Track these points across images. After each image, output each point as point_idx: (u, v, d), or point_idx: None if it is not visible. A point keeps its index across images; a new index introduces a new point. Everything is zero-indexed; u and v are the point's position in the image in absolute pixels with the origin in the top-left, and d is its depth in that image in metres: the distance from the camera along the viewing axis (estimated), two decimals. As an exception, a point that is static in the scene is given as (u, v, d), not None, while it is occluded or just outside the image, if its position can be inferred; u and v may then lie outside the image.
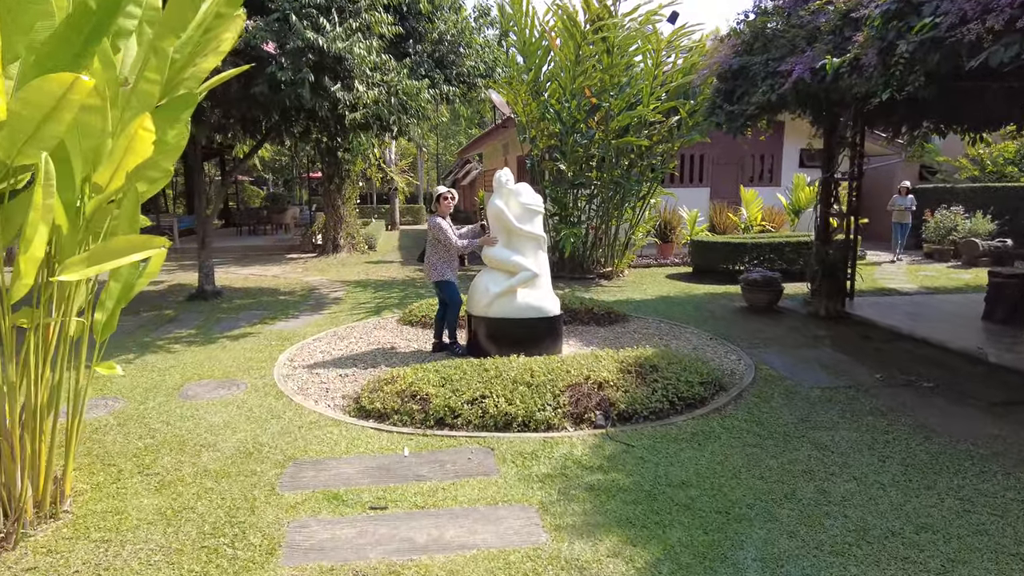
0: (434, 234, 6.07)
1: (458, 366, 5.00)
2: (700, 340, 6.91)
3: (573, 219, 11.42)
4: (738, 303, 9.08)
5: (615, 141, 10.76)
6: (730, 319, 8.11)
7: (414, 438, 4.29)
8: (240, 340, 7.18)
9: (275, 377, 5.69)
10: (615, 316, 7.70)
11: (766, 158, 16.55)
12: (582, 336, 7.04)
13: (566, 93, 10.43)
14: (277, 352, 6.60)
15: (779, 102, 7.86)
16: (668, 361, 5.15)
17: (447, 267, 6.13)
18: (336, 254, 15.37)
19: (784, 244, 11.26)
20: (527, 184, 6.26)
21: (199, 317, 8.55)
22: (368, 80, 7.36)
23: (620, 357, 5.17)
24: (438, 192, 6.21)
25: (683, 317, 8.16)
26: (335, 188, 15.28)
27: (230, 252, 17.05)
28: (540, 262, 6.17)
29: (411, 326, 7.53)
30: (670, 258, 13.61)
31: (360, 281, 11.60)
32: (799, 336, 7.21)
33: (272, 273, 12.94)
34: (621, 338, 6.96)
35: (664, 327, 7.50)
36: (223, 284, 11.31)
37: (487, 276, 6.14)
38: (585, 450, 4.07)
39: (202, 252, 9.64)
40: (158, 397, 5.21)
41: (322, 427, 4.53)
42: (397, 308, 8.78)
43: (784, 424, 4.58)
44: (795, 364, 6.11)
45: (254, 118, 8.85)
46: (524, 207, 6.10)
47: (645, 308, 8.74)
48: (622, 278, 11.61)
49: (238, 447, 4.20)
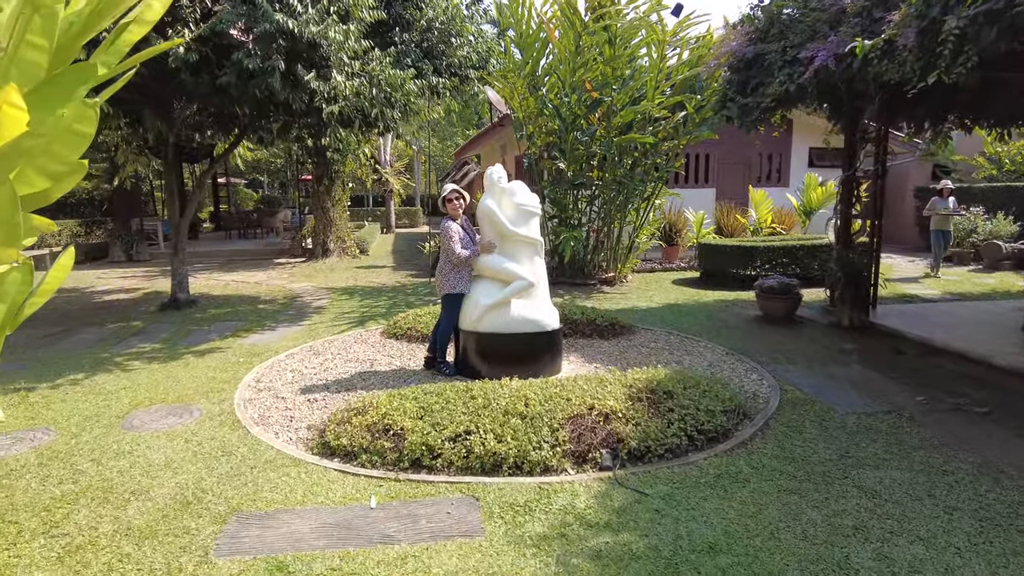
0: (443, 239, 5.39)
1: (441, 392, 4.32)
2: (715, 355, 6.22)
3: (573, 221, 10.74)
4: (752, 312, 8.40)
5: (617, 138, 10.09)
6: (745, 330, 7.42)
7: (385, 483, 3.61)
8: (206, 356, 6.50)
9: (235, 402, 5.01)
10: (620, 328, 7.01)
11: (774, 157, 15.89)
12: (584, 351, 6.36)
13: (565, 87, 9.76)
14: (244, 371, 5.92)
15: (798, 93, 7.19)
16: (684, 385, 4.47)
17: (459, 277, 5.38)
18: (326, 259, 14.69)
19: (797, 247, 10.58)
20: (522, 183, 5.59)
21: (167, 329, 7.87)
22: (347, 69, 6.69)
23: (628, 380, 4.49)
24: (444, 192, 5.49)
25: (694, 328, 7.48)
26: (324, 190, 14.61)
27: (216, 257, 16.39)
28: (536, 270, 5.49)
29: (395, 339, 6.85)
30: (675, 262, 12.93)
31: (347, 288, 10.92)
32: (823, 350, 6.53)
33: (256, 279, 12.27)
34: (627, 353, 6.28)
35: (674, 340, 6.82)
36: (202, 291, 10.65)
37: (477, 286, 5.46)
38: (589, 500, 3.39)
39: (175, 259, 8.96)
40: (96, 428, 4.53)
41: (278, 467, 3.85)
42: (383, 318, 8.10)
43: (822, 462, 3.90)
44: (823, 384, 5.43)
45: (231, 114, 8.19)
46: (519, 208, 5.43)
47: (652, 318, 8.06)
48: (625, 284, 10.93)
49: (175, 494, 3.52)
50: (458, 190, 5.48)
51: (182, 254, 8.99)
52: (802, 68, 6.95)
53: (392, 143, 24.76)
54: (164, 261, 15.65)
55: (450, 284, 5.38)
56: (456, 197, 5.44)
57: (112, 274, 13.51)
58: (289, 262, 14.96)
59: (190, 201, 8.93)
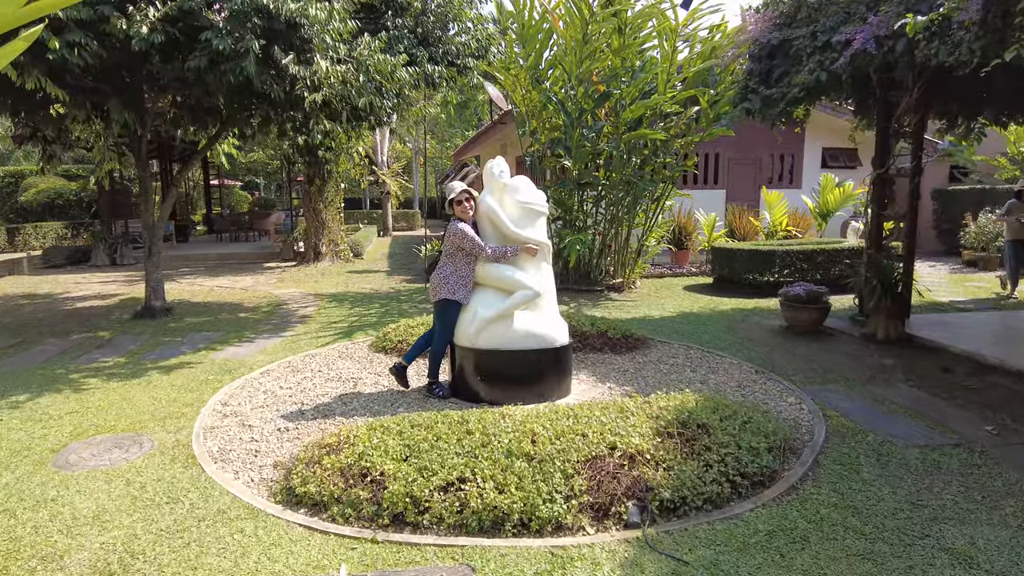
0: (456, 242, 4.64)
1: (430, 425, 3.62)
2: (742, 374, 5.53)
3: (579, 223, 10.06)
4: (775, 322, 7.71)
5: (626, 135, 9.42)
6: (771, 343, 6.74)
7: (359, 545, 2.91)
8: (172, 373, 5.81)
9: (195, 431, 4.31)
10: (634, 341, 6.32)
11: (786, 158, 15.22)
12: (595, 368, 5.67)
13: (571, 79, 9.09)
14: (211, 391, 5.23)
15: (831, 82, 6.52)
16: (720, 415, 3.78)
17: (461, 284, 4.69)
18: (318, 263, 14.00)
19: (817, 252, 9.90)
20: (526, 178, 4.91)
21: (136, 341, 7.17)
22: (332, 54, 6.02)
23: (654, 410, 3.80)
24: (451, 193, 4.76)
25: (714, 341, 6.79)
26: (316, 191, 13.93)
27: (204, 260, 15.71)
28: (543, 278, 4.81)
29: (384, 354, 6.16)
30: (685, 267, 12.25)
31: (336, 295, 10.23)
32: (862, 367, 5.84)
33: (242, 285, 11.58)
34: (644, 371, 5.59)
35: (694, 355, 6.13)
36: (181, 298, 9.96)
37: (476, 297, 4.78)
38: (615, 570, 2.70)
39: (148, 263, 8.28)
40: (22, 466, 3.83)
41: (231, 520, 3.15)
42: (373, 329, 7.41)
43: (892, 513, 3.21)
44: (872, 409, 4.74)
45: (208, 107, 7.52)
46: (523, 207, 4.75)
47: (667, 328, 7.37)
48: (634, 290, 10.25)
49: (96, 561, 2.82)
50: (468, 190, 4.79)
51: (156, 258, 8.31)
52: (835, 54, 6.30)
53: (389, 143, 24.11)
54: (149, 265, 14.98)
55: (449, 288, 4.68)
56: (466, 198, 4.75)
57: (92, 279, 12.82)
58: (279, 266, 14.28)
59: (165, 202, 8.25)
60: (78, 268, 14.88)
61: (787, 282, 9.87)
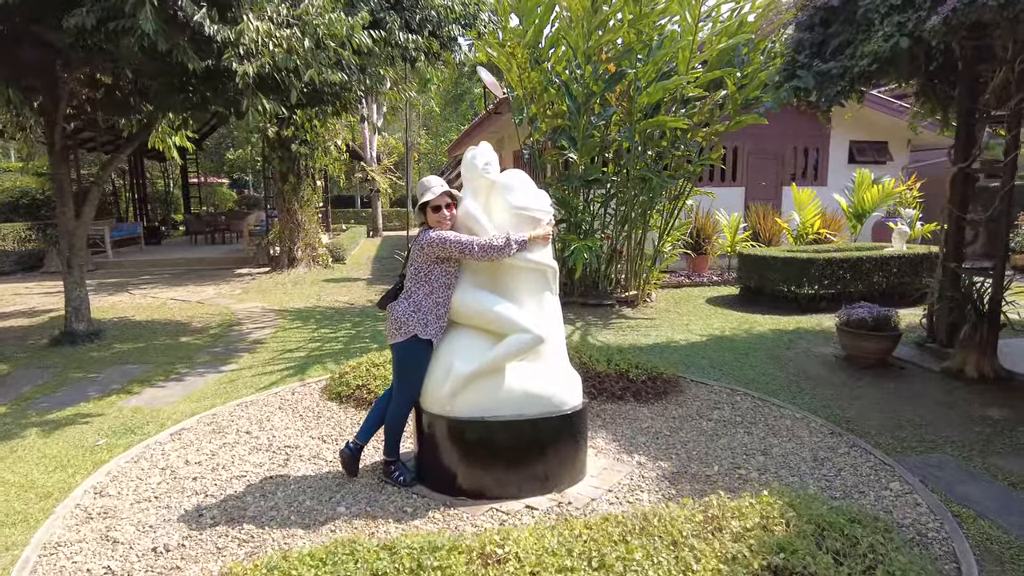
0: (433, 252, 3.23)
1: (369, 560, 2.21)
2: (814, 437, 4.12)
3: (585, 227, 8.64)
4: (826, 349, 6.31)
5: (643, 123, 7.99)
6: (833, 382, 5.33)
7: None
8: (55, 434, 4.38)
9: (24, 558, 2.89)
10: (662, 383, 4.90)
11: (810, 152, 13.79)
12: (616, 427, 4.26)
13: (578, 55, 7.64)
14: (92, 466, 3.81)
15: (917, 49, 5.11)
16: (830, 546, 2.36)
17: (435, 316, 3.28)
18: (292, 269, 12.56)
19: (864, 260, 8.48)
20: (521, 173, 3.48)
21: (40, 377, 5.75)
22: (268, 14, 4.59)
23: (726, 542, 2.38)
24: (426, 194, 3.29)
25: (761, 380, 5.38)
26: (291, 189, 12.48)
27: (170, 267, 14.28)
28: (546, 313, 3.40)
29: (339, 403, 4.74)
30: (705, 274, 10.84)
31: (303, 310, 8.80)
32: (965, 422, 4.43)
33: (201, 296, 10.15)
34: (681, 433, 4.17)
35: (743, 405, 4.71)
36: (124, 315, 8.54)
37: (450, 341, 3.37)
38: None
39: (68, 280, 6.86)
40: None
41: None
42: (335, 361, 6.00)
43: None
44: (1011, 496, 3.35)
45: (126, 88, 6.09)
46: (519, 214, 3.34)
47: (698, 359, 5.96)
48: (650, 304, 8.84)
49: None
50: (450, 192, 3.37)
51: (78, 273, 6.88)
52: (922, 12, 4.89)
53: (377, 137, 22.65)
54: (110, 272, 13.57)
55: (420, 320, 3.25)
56: (447, 203, 3.33)
57: (36, 289, 11.40)
58: (251, 273, 12.84)
59: (87, 203, 6.81)
60: (28, 275, 13.46)
61: (828, 295, 8.50)
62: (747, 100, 8.33)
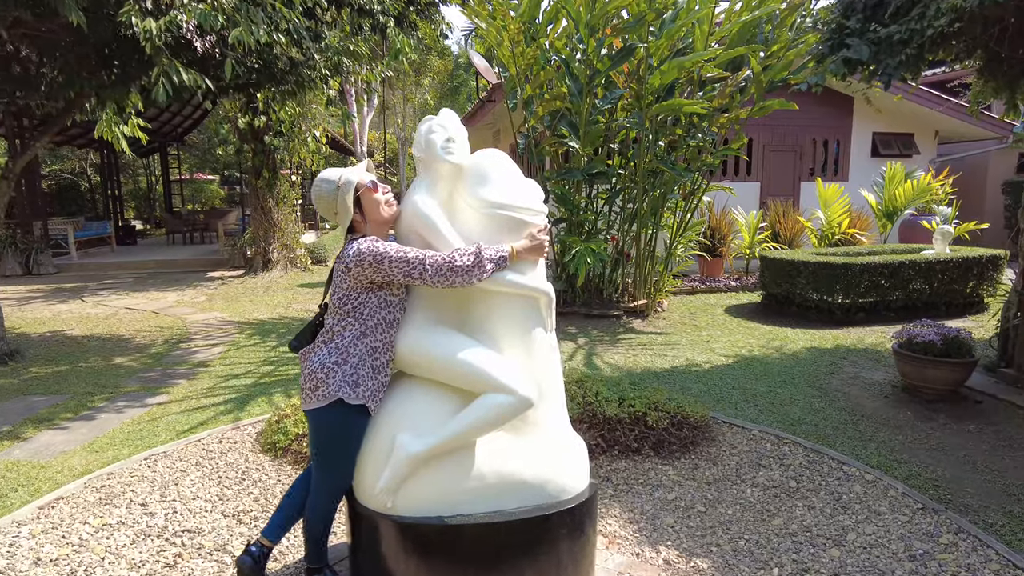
0: (367, 276, 2.14)
1: None
2: (900, 515, 3.05)
3: (588, 227, 7.56)
4: (877, 375, 5.24)
5: (655, 107, 6.90)
6: (899, 423, 4.26)
7: None
8: None
9: None
10: (689, 430, 3.84)
11: (830, 144, 12.71)
12: (633, 498, 3.19)
13: (580, 27, 6.55)
14: (-91, 565, 2.75)
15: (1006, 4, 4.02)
16: None
17: (369, 371, 2.20)
18: (267, 272, 11.49)
19: (906, 265, 7.40)
20: (502, 154, 2.41)
21: (-79, 414, 4.69)
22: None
23: None
24: (346, 183, 2.20)
25: (809, 419, 4.31)
26: (265, 185, 11.40)
27: (139, 270, 13.21)
28: (539, 362, 2.33)
29: (272, 456, 3.68)
30: (721, 279, 9.77)
31: (267, 322, 7.73)
32: (1092, 487, 3.37)
33: (160, 305, 9.09)
34: (718, 508, 3.11)
35: (795, 461, 3.64)
36: (62, 328, 7.47)
37: (394, 406, 2.30)
38: None
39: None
40: None
41: None
42: (284, 392, 4.94)
43: None
44: None
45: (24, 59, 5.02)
46: (495, 215, 2.27)
47: (726, 388, 4.88)
48: (661, 314, 7.76)
49: None
50: (375, 182, 2.29)
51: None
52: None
53: (367, 129, 21.56)
54: (71, 276, 12.49)
55: (346, 377, 2.18)
56: (384, 202, 2.27)
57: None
58: (223, 276, 11.77)
59: (5, 184, 5.75)
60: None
61: (866, 304, 7.44)
62: (772, 82, 7.26)
